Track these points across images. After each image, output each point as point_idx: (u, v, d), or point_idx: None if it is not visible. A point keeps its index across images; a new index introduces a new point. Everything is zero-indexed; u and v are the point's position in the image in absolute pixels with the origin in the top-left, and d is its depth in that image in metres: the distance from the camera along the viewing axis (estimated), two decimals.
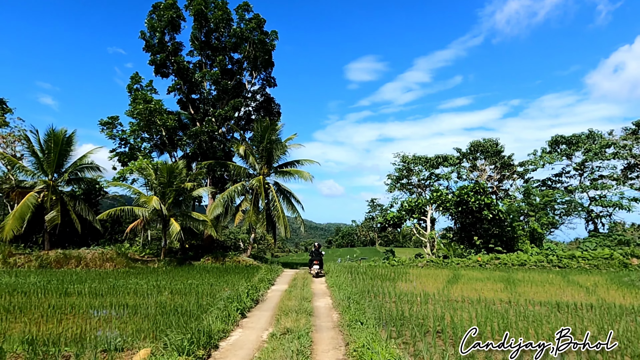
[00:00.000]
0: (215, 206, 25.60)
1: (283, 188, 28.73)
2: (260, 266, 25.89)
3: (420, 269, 27.82)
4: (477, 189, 32.69)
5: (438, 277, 22.83)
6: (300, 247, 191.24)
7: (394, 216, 34.74)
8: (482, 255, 31.65)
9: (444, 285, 19.34)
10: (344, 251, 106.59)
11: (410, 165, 39.10)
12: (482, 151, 36.96)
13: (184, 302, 11.89)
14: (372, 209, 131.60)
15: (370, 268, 28.79)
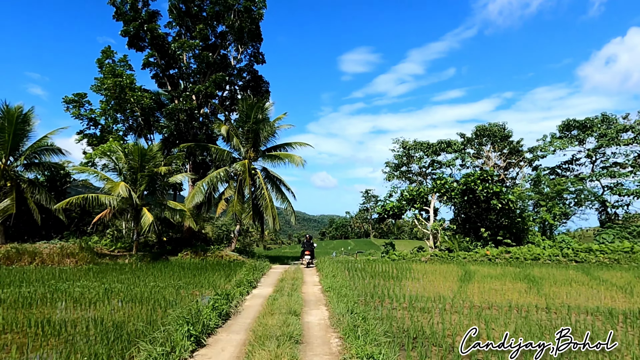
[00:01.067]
0: (194, 194, 22.54)
1: (272, 174, 25.72)
2: (246, 262, 22.95)
3: (425, 264, 25.11)
4: (485, 176, 29.92)
5: (447, 274, 20.12)
6: (293, 239, 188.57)
7: (393, 206, 31.92)
8: (490, 248, 29.01)
9: (457, 286, 16.61)
10: (337, 243, 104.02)
11: (410, 152, 36.21)
12: (488, 136, 34.15)
13: (133, 315, 8.94)
14: (366, 200, 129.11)
15: (369, 263, 26.01)
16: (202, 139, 26.03)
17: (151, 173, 21.55)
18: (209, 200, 25.18)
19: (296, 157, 23.80)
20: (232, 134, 23.81)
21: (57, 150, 23.54)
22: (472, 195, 30.01)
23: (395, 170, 38.37)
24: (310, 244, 21.15)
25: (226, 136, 23.77)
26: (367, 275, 18.32)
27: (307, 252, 20.65)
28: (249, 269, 15.87)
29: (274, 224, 23.16)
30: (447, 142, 34.51)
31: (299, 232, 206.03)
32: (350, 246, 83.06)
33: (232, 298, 9.49)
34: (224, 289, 10.74)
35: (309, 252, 20.69)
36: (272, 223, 23.08)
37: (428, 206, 31.52)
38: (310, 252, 20.69)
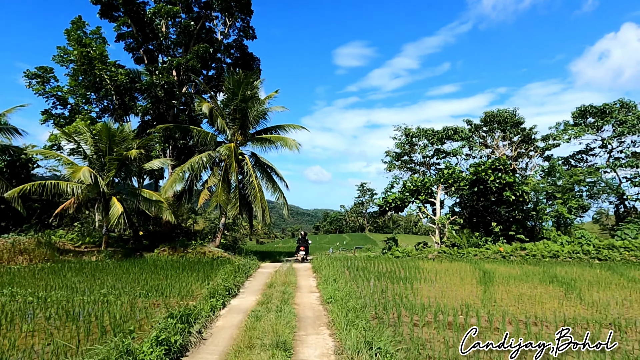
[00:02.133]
0: (172, 182, 19.61)
1: (262, 161, 22.83)
2: (231, 259, 20.13)
3: (433, 263, 22.45)
4: (497, 165, 27.26)
5: (463, 274, 17.51)
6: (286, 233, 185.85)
7: (395, 198, 29.18)
8: (502, 244, 26.42)
9: (480, 290, 14.04)
10: (332, 237, 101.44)
11: (413, 140, 33.39)
12: (498, 122, 31.42)
13: (46, 342, 6.11)
14: (362, 193, 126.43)
15: (370, 261, 23.30)
16: (183, 121, 23.06)
17: (121, 157, 18.55)
18: (190, 190, 22.24)
19: (290, 140, 20.91)
20: (216, 113, 20.83)
21: (12, 130, 20.43)
22: (482, 186, 27.35)
23: (397, 159, 35.58)
24: (305, 240, 21.75)
25: (209, 116, 20.78)
26: (372, 276, 15.61)
27: (302, 248, 21.16)
28: (230, 270, 13.00)
29: (263, 216, 20.32)
30: (454, 128, 31.77)
31: (292, 226, 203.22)
32: (346, 240, 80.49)
33: (196, 318, 6.65)
34: (187, 306, 7.85)
35: (304, 248, 21.19)
36: (262, 215, 20.23)
37: (434, 198, 28.82)
38: (305, 248, 21.21)
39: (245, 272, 14.22)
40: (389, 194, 30.02)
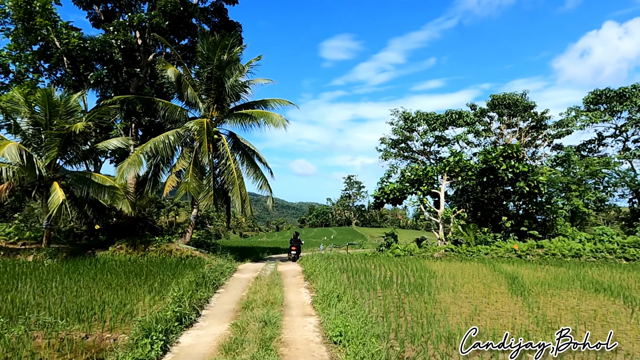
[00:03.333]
0: (130, 164, 15.90)
1: (242, 143, 19.27)
2: (203, 259, 16.62)
3: (442, 263, 19.34)
4: (509, 153, 24.23)
5: (483, 279, 14.55)
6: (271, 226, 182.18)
7: (394, 189, 25.95)
8: (515, 242, 23.48)
9: (520, 304, 11.00)
10: (318, 231, 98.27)
11: (413, 125, 30.12)
12: (507, 105, 28.34)
13: None
14: (349, 186, 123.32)
15: (368, 260, 20.07)
16: (148, 93, 19.30)
17: (62, 132, 14.75)
18: (156, 176, 18.55)
19: (275, 116, 17.34)
20: (185, 81, 17.10)
21: None
22: (492, 175, 24.29)
23: (393, 147, 32.31)
24: (297, 240, 21.47)
25: (177, 84, 17.02)
26: (378, 283, 12.33)
27: (293, 248, 20.78)
28: (191, 281, 9.43)
29: (242, 207, 16.78)
30: (458, 112, 28.62)
31: (277, 219, 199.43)
32: (333, 235, 77.31)
33: None
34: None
35: (295, 248, 20.78)
36: (241, 206, 16.68)
37: (437, 189, 25.68)
38: (296, 248, 20.82)
39: (215, 280, 10.70)
40: (386, 184, 26.76)
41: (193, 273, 10.52)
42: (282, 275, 12.98)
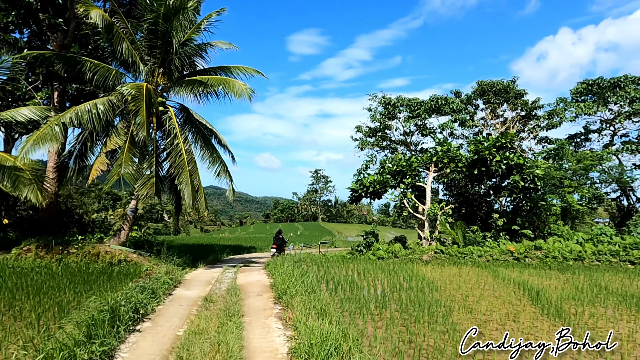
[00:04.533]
0: (40, 139, 11.81)
1: (196, 119, 15.51)
2: (141, 264, 12.86)
3: (434, 267, 16.45)
4: (503, 143, 21.68)
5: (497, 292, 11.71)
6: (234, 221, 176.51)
7: (374, 181, 22.88)
8: (508, 242, 21.04)
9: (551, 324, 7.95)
10: (284, 226, 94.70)
11: (394, 111, 27.10)
12: (496, 92, 25.86)
13: None
14: (315, 180, 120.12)
15: (347, 264, 16.90)
16: (75, 52, 15.13)
17: None
18: (82, 156, 14.48)
19: (237, 84, 13.62)
20: (120, 33, 13.08)
21: None
22: (484, 168, 21.68)
23: (371, 135, 29.23)
24: (279, 238, 21.10)
25: (106, 34, 12.96)
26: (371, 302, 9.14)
27: (274, 246, 20.75)
28: (87, 319, 5.73)
29: (193, 199, 13.05)
30: (444, 98, 25.90)
31: (240, 214, 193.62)
32: (300, 230, 73.95)
33: None
34: None
35: (276, 246, 20.70)
36: (190, 198, 12.93)
37: (422, 182, 22.81)
38: (277, 246, 20.69)
39: (140, 305, 7.03)
40: (364, 176, 23.64)
41: (100, 299, 6.80)
42: (243, 292, 9.46)
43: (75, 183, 15.87)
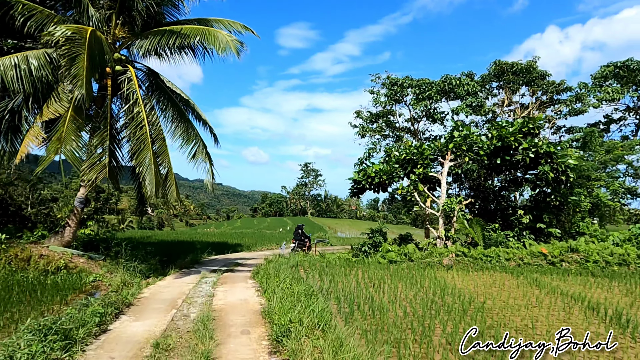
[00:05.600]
0: None
1: (166, 86, 12.15)
2: (87, 273, 9.57)
3: (459, 274, 13.49)
4: (530, 128, 18.76)
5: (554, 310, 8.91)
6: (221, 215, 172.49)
7: (379, 171, 19.82)
8: (532, 242, 18.21)
9: None
10: (272, 221, 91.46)
11: (401, 93, 23.94)
12: (516, 73, 22.87)
13: None
14: (305, 174, 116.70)
15: (354, 270, 13.85)
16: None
17: None
18: (13, 130, 11.04)
19: (220, 35, 10.24)
20: None
21: None
22: (508, 156, 18.73)
23: (372, 121, 26.08)
24: (299, 234, 20.84)
25: None
26: (406, 334, 6.09)
27: (293, 241, 20.66)
28: None
29: (156, 185, 9.73)
30: (458, 79, 22.87)
31: (227, 207, 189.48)
32: (288, 225, 70.66)
33: None
34: None
35: (295, 241, 20.48)
36: (154, 184, 9.60)
37: (437, 172, 19.81)
38: (296, 241, 20.39)
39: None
40: (367, 166, 20.56)
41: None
42: (221, 326, 6.22)
43: (8, 166, 12.44)
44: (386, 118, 25.43)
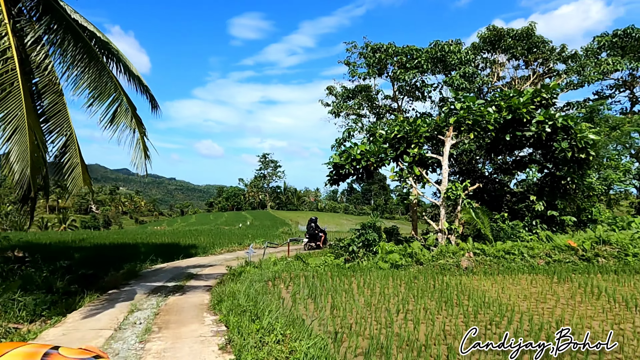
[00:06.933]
0: None
1: (70, 17, 7.75)
2: None
3: (490, 281, 10.19)
4: (542, 99, 15.80)
5: None
6: (175, 210, 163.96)
7: (365, 152, 16.22)
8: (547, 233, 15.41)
9: None
10: (230, 215, 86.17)
11: (385, 62, 20.31)
12: (515, 37, 19.90)
13: None
14: (264, 166, 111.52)
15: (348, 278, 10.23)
16: None
17: None
18: None
19: None
20: None
21: None
22: (518, 131, 15.67)
23: (349, 98, 22.37)
24: (312, 226, 20.20)
25: None
26: None
27: (306, 235, 20.24)
28: None
29: (36, 169, 5.48)
30: (449, 44, 19.55)
31: (181, 203, 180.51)
32: (249, 220, 66.07)
33: None
34: None
35: (309, 235, 19.95)
36: (28, 161, 5.35)
37: (436, 152, 16.50)
38: (310, 235, 19.89)
39: None
40: (352, 147, 16.84)
41: None
42: None
43: None
44: (366, 92, 21.76)
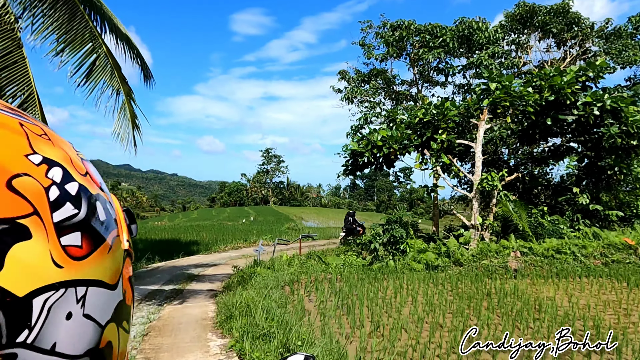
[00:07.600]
0: None
1: None
2: None
3: (554, 288, 8.36)
4: (589, 78, 14.00)
5: None
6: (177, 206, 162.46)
7: (387, 138, 14.44)
8: (595, 229, 13.69)
9: None
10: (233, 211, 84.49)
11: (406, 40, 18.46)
12: (549, 13, 18.06)
13: None
14: (267, 161, 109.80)
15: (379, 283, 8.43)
16: None
17: None
18: None
19: None
20: None
21: None
22: (561, 115, 13.87)
23: (364, 82, 20.56)
24: (349, 221, 18.91)
25: None
26: None
27: (343, 230, 19.23)
28: None
29: None
30: (477, 22, 17.75)
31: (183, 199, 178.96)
32: (252, 216, 64.26)
33: None
34: None
35: (345, 231, 18.89)
36: None
37: (467, 138, 14.72)
38: (347, 230, 18.79)
39: None
40: (372, 134, 15.06)
41: None
42: None
43: None
44: (384, 75, 19.92)
